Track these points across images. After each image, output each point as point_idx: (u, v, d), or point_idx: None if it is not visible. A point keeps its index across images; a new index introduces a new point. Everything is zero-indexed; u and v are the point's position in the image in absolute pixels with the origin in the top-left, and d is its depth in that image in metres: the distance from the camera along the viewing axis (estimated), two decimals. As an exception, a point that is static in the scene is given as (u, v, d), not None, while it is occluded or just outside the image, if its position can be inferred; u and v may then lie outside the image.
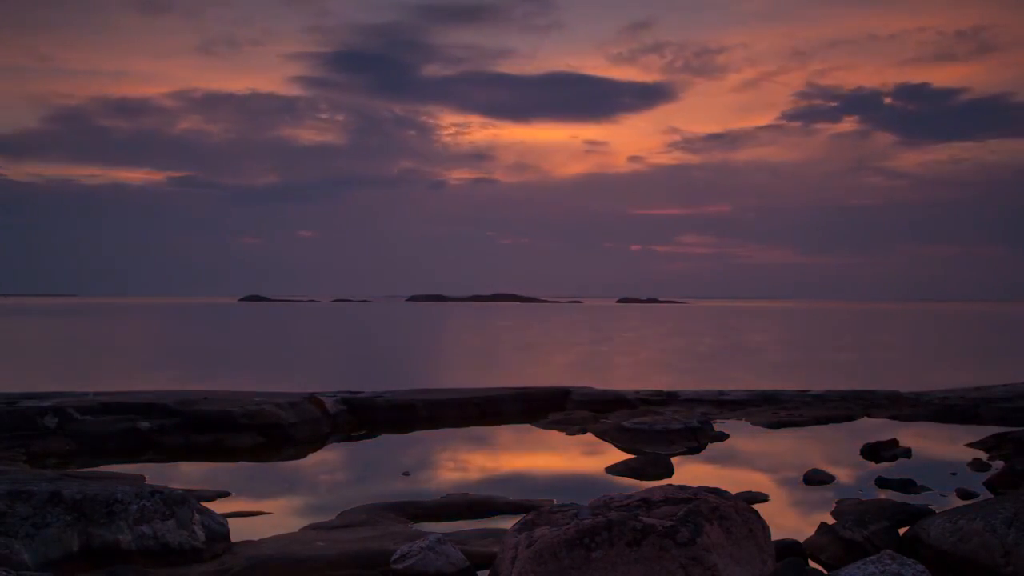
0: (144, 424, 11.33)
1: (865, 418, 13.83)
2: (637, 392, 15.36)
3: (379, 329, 61.53)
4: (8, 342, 41.48)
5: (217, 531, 6.28)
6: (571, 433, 12.41)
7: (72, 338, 45.24)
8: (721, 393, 15.51)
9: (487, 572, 5.44)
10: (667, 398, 14.96)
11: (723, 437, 11.97)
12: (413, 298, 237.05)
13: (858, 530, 6.22)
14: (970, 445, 11.19)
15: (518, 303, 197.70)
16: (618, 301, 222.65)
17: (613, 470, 9.73)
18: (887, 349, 38.03)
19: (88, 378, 19.08)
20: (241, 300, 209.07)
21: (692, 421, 11.92)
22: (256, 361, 30.64)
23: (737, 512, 5.06)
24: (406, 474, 9.60)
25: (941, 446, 11.58)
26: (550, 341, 44.23)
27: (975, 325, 71.69)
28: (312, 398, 12.84)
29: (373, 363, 30.62)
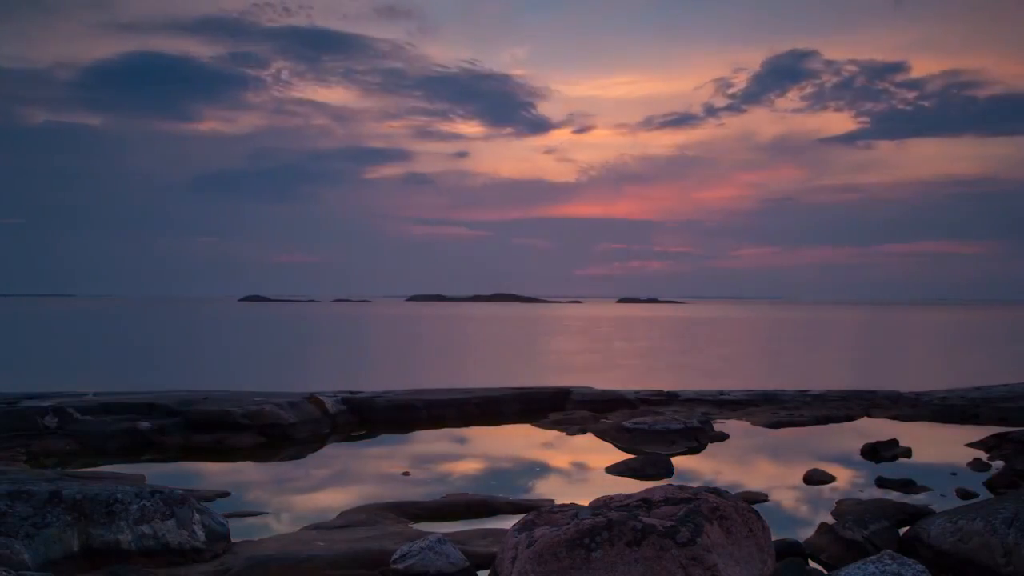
0: (144, 424, 11.32)
1: (865, 418, 13.84)
2: (637, 392, 15.37)
3: (379, 329, 61.51)
4: (9, 342, 41.46)
5: (217, 531, 6.28)
6: (571, 433, 12.41)
7: (72, 338, 45.21)
8: (721, 393, 15.52)
9: (487, 572, 5.44)
10: (667, 398, 14.97)
11: (723, 437, 11.97)
12: (413, 298, 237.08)
13: (858, 530, 6.22)
14: (970, 445, 11.19)
15: (518, 303, 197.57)
16: (618, 301, 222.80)
17: (613, 470, 9.72)
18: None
19: (88, 378, 19.07)
20: (241, 300, 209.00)
21: (692, 421, 11.92)
22: (256, 361, 30.64)
23: (737, 512, 5.05)
24: (406, 474, 9.60)
25: (941, 446, 11.57)
26: (549, 341, 44.20)
27: (965, 327, 71.65)
28: (312, 398, 12.83)
29: (373, 363, 30.62)
